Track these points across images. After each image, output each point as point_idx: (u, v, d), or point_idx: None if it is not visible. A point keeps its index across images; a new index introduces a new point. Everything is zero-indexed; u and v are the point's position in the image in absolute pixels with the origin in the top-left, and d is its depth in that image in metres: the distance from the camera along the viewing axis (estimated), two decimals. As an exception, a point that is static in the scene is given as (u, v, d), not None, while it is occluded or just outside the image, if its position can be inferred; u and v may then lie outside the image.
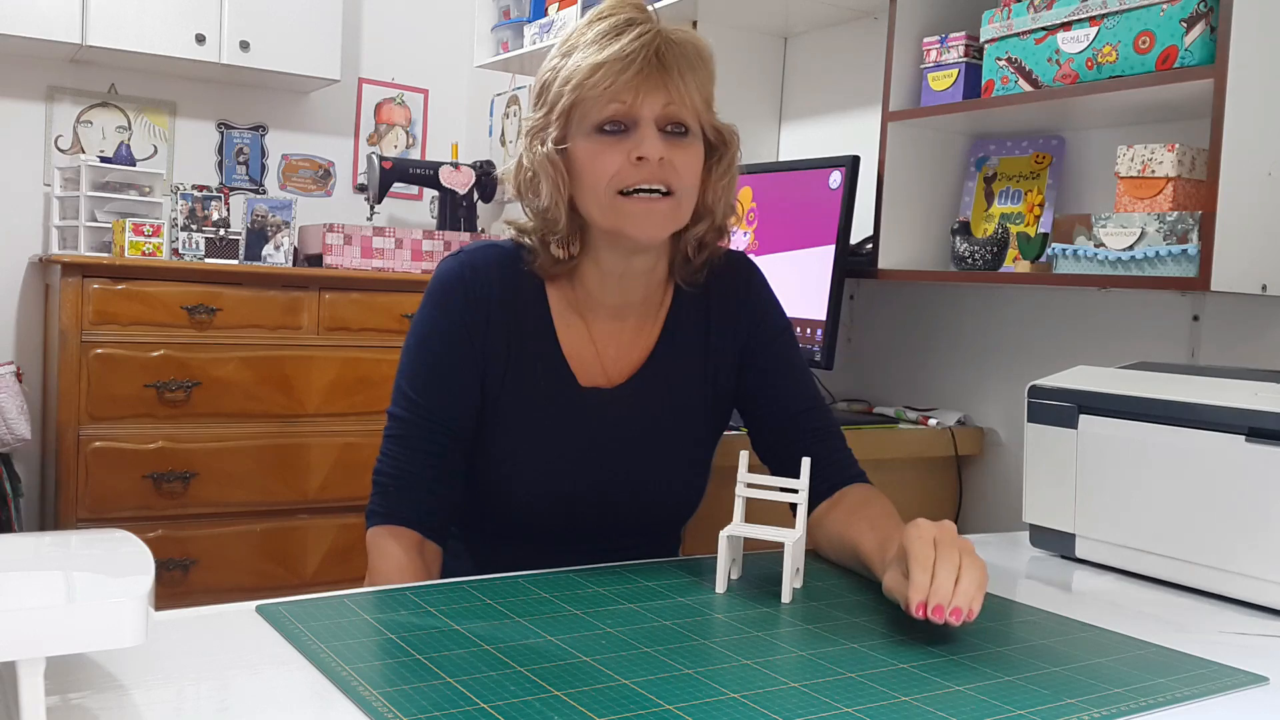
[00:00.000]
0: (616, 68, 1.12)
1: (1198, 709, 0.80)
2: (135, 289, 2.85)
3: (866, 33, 2.31)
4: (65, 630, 0.62)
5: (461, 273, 1.23)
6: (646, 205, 1.15)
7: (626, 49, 1.12)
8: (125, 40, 3.11)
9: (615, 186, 1.15)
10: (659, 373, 1.27)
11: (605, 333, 1.25)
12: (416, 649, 0.84)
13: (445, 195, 3.57)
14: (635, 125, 1.14)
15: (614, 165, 1.14)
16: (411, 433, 1.21)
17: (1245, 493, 1.08)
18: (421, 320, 1.24)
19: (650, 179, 1.14)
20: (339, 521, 3.10)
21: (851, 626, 0.95)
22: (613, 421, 1.24)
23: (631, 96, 1.13)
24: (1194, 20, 1.49)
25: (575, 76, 1.14)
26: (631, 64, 1.12)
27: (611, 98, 1.13)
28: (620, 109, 1.13)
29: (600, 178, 1.15)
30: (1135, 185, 1.60)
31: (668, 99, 1.14)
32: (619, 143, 1.14)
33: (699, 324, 1.29)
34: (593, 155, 1.15)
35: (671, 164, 1.15)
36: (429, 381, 1.22)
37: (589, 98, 1.14)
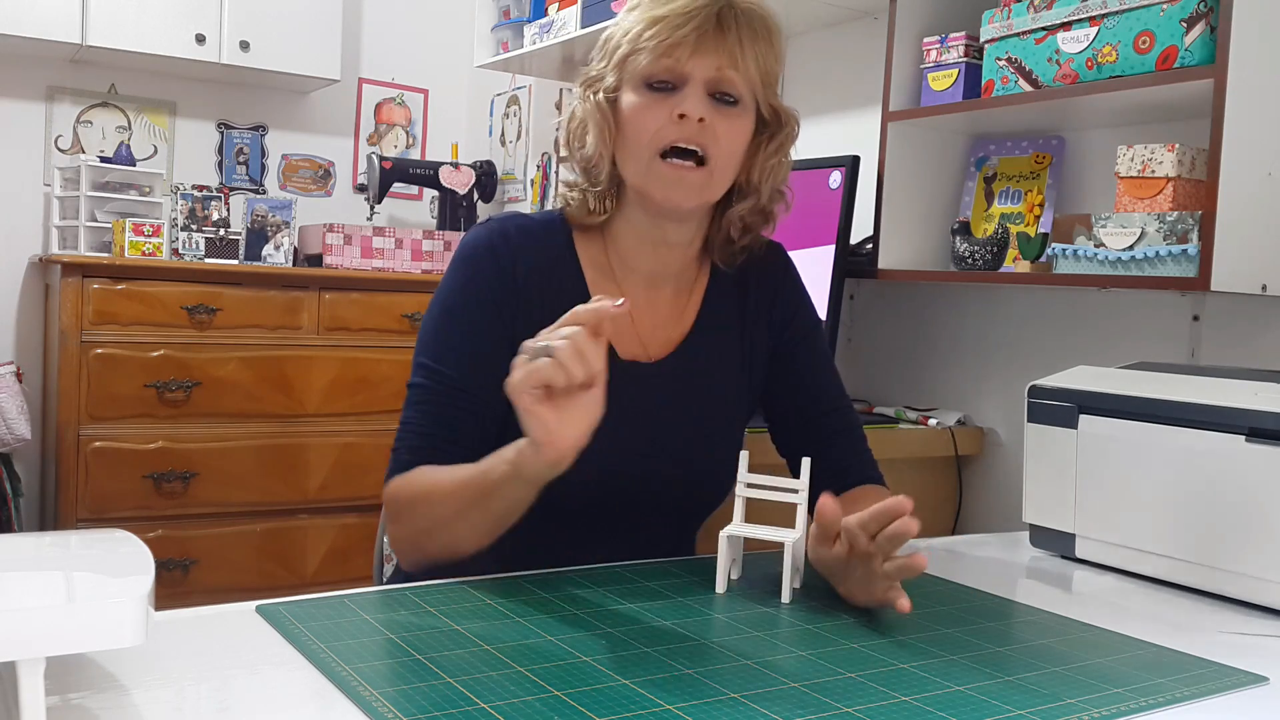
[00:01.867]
0: (675, 23, 1.11)
1: (1198, 709, 0.80)
2: (135, 289, 2.85)
3: (866, 33, 2.32)
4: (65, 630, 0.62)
5: (490, 240, 1.20)
6: (678, 171, 1.14)
7: (687, 6, 1.11)
8: (125, 40, 3.11)
9: (655, 145, 1.14)
10: (698, 352, 1.25)
11: (640, 301, 1.24)
12: (416, 649, 0.84)
13: (445, 195, 3.57)
14: (683, 84, 1.13)
15: (656, 122, 1.13)
16: (435, 400, 1.16)
17: (1245, 493, 1.08)
18: (447, 289, 1.20)
19: (688, 138, 1.13)
20: (339, 521, 3.10)
21: (851, 626, 0.95)
22: (653, 397, 1.22)
23: (684, 54, 1.12)
24: (1194, 20, 1.49)
25: (634, 28, 1.14)
26: (689, 21, 1.11)
27: (664, 53, 1.12)
28: (670, 65, 1.12)
29: (642, 133, 1.14)
30: (1135, 185, 1.60)
31: (720, 63, 1.12)
32: (665, 100, 1.13)
33: (735, 308, 1.28)
34: (638, 109, 1.14)
35: (713, 129, 1.13)
36: (456, 350, 1.17)
37: (643, 49, 1.13)
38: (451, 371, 1.16)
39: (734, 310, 1.29)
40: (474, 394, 1.16)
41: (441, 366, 1.16)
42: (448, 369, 1.16)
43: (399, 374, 3.15)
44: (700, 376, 1.25)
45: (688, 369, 1.24)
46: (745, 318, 1.29)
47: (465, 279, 1.19)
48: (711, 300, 1.27)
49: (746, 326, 1.29)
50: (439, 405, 1.16)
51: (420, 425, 1.16)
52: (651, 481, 1.22)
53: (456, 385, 1.16)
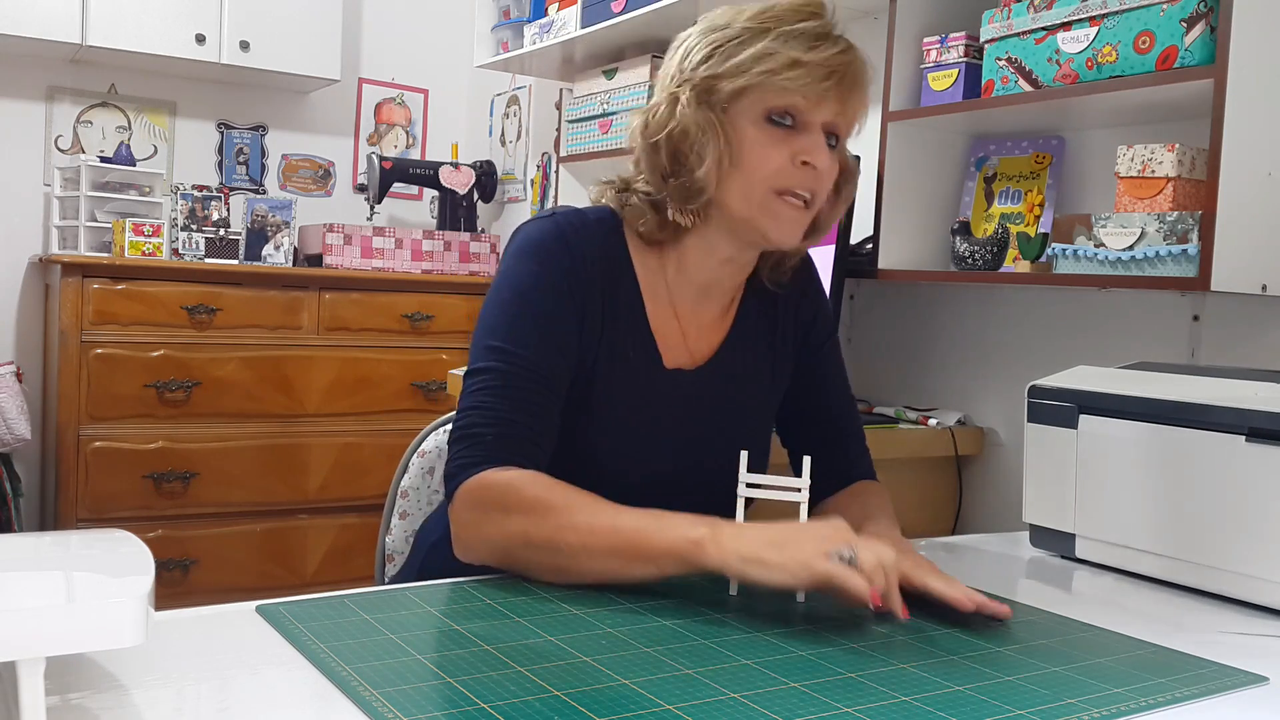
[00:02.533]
0: (819, 73, 1.12)
1: (1198, 709, 0.80)
2: (135, 289, 2.85)
3: (866, 33, 2.31)
4: (65, 630, 0.62)
5: (560, 230, 1.17)
6: (795, 212, 1.15)
7: (832, 60, 1.12)
8: (125, 40, 3.11)
9: (773, 184, 1.14)
10: (733, 357, 1.26)
11: (689, 312, 1.24)
12: (416, 649, 0.84)
13: (445, 195, 3.57)
14: (805, 127, 1.14)
15: (778, 161, 1.13)
16: (512, 384, 1.11)
17: (1245, 493, 1.08)
18: (518, 274, 1.16)
19: (807, 185, 1.15)
20: (339, 521, 3.10)
21: (852, 626, 0.95)
22: (693, 401, 1.23)
23: (816, 101, 1.13)
24: (1194, 20, 1.49)
25: (770, 63, 1.12)
26: (832, 74, 1.12)
27: (800, 94, 1.12)
28: (798, 105, 1.13)
29: (761, 169, 1.13)
30: (1135, 185, 1.60)
31: (840, 111, 1.15)
32: (786, 138, 1.13)
33: (767, 313, 1.30)
34: (760, 144, 1.13)
35: (827, 173, 1.16)
36: (532, 333, 1.13)
37: (777, 87, 1.12)
38: (527, 352, 1.12)
39: (765, 316, 1.30)
40: (551, 379, 1.13)
41: (515, 348, 1.12)
42: (522, 350, 1.12)
43: (399, 374, 3.15)
44: (735, 380, 1.26)
45: (724, 373, 1.26)
46: (776, 323, 1.31)
47: (538, 266, 1.16)
48: (745, 307, 1.29)
49: (776, 331, 1.31)
50: (516, 388, 1.11)
51: (503, 411, 1.10)
52: (689, 483, 1.23)
53: (532, 367, 1.12)
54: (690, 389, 1.23)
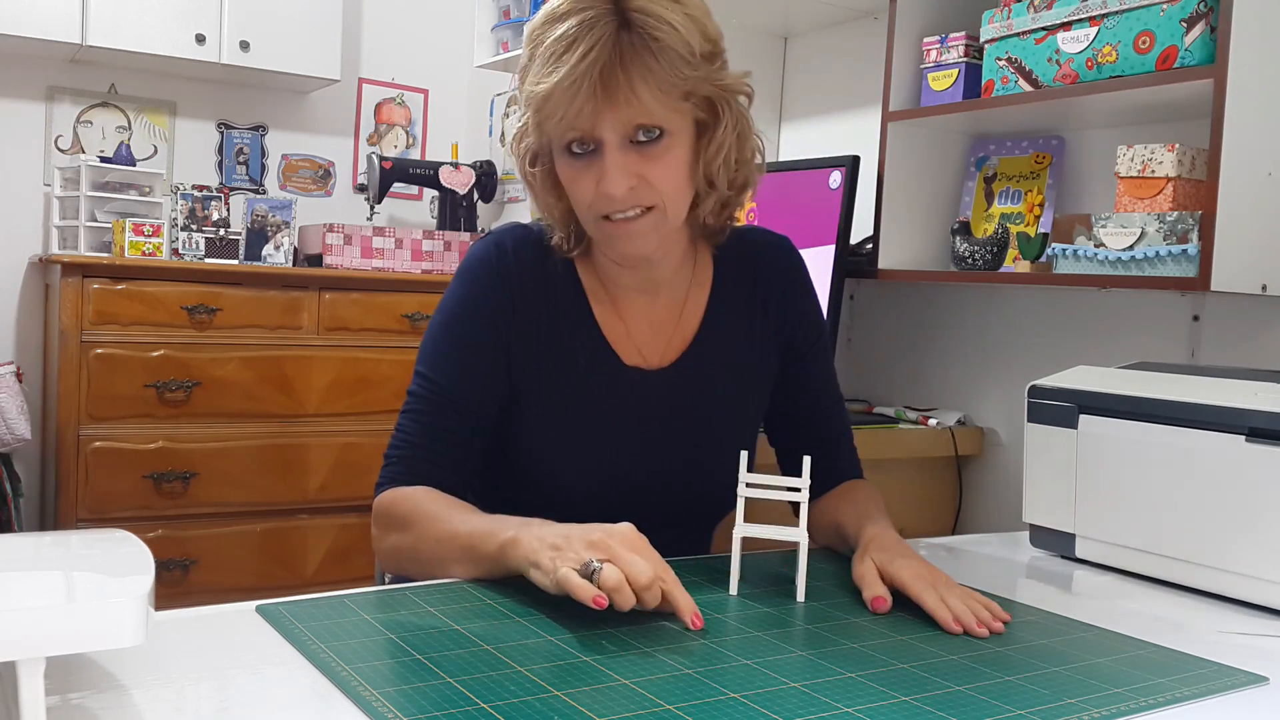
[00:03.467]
0: (566, 97, 1.05)
1: (1198, 709, 0.80)
2: (135, 289, 2.85)
3: (866, 33, 2.32)
4: (65, 630, 0.62)
5: (488, 252, 1.20)
6: (624, 227, 1.11)
7: (571, 75, 1.04)
8: (125, 40, 3.11)
9: (594, 212, 1.12)
10: (705, 355, 1.25)
11: (634, 311, 1.23)
12: (416, 649, 0.84)
13: (445, 195, 3.57)
14: (600, 146, 1.09)
15: (588, 193, 1.11)
16: (428, 409, 1.18)
17: (1245, 493, 1.08)
18: (448, 300, 1.21)
19: (622, 205, 1.10)
20: (339, 521, 3.10)
21: (852, 627, 0.95)
22: (658, 404, 1.22)
23: (588, 123, 1.07)
24: (1194, 20, 1.49)
25: (533, 101, 1.10)
26: (578, 92, 1.04)
27: (568, 126, 1.08)
28: (580, 134, 1.09)
29: (580, 202, 1.13)
30: (1135, 185, 1.60)
31: (624, 116, 1.06)
32: (589, 166, 1.10)
33: (744, 305, 1.28)
34: (568, 180, 1.13)
35: (645, 182, 1.09)
36: (451, 362, 1.18)
37: (549, 125, 1.10)
38: (445, 382, 1.18)
39: (743, 307, 1.28)
40: (466, 405, 1.18)
41: (436, 376, 1.18)
42: (441, 379, 1.18)
43: (399, 374, 3.15)
44: (707, 380, 1.25)
45: (694, 374, 1.24)
46: (754, 318, 1.28)
47: (463, 292, 1.21)
48: (718, 301, 1.27)
49: (755, 327, 1.28)
50: (431, 415, 1.18)
51: (413, 435, 1.18)
52: (658, 488, 1.23)
53: (449, 396, 1.18)
54: (654, 388, 1.22)
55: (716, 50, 1.12)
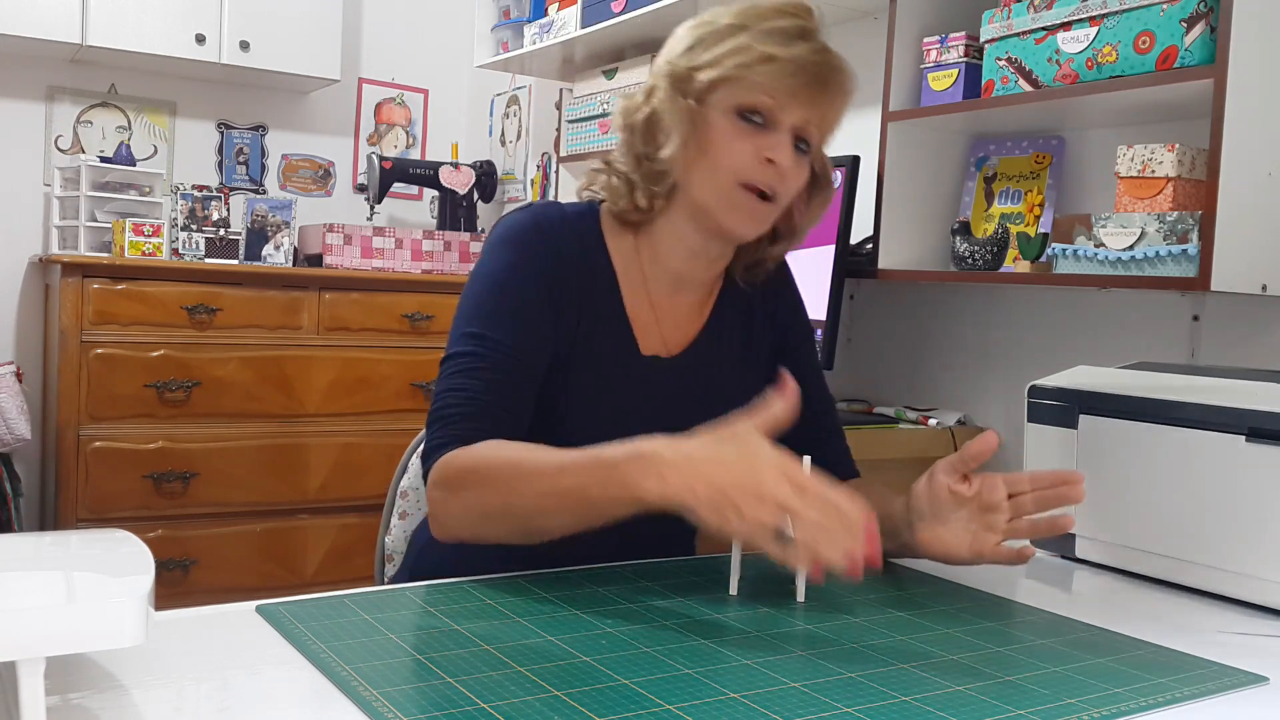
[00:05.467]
0: (789, 69, 1.13)
1: (1198, 709, 0.80)
2: (135, 289, 2.85)
3: (866, 33, 2.31)
4: (65, 630, 0.62)
5: (537, 221, 1.20)
6: (755, 205, 1.16)
7: (804, 58, 1.13)
8: (125, 40, 3.11)
9: (738, 177, 1.15)
10: (709, 349, 1.28)
11: (664, 302, 1.26)
12: (416, 649, 0.84)
13: (445, 195, 3.57)
14: (775, 126, 1.15)
15: (744, 156, 1.15)
16: (490, 365, 1.12)
17: (1245, 493, 1.08)
18: (495, 263, 1.18)
19: (770, 182, 1.15)
20: (339, 521, 3.10)
21: (852, 627, 0.95)
22: (670, 389, 1.24)
23: (786, 100, 1.14)
24: (1194, 20, 1.49)
25: (744, 56, 1.14)
26: (803, 72, 1.13)
27: (769, 92, 1.13)
28: (770, 105, 1.14)
29: (726, 160, 1.15)
30: (1135, 185, 1.60)
31: (811, 116, 1.16)
32: (754, 135, 1.15)
33: (743, 309, 1.32)
34: (728, 137, 1.15)
35: (789, 175, 1.17)
36: (507, 319, 1.15)
37: (749, 81, 1.14)
38: (508, 340, 1.14)
39: (741, 310, 1.32)
40: (527, 364, 1.15)
41: (494, 334, 1.14)
42: (503, 337, 1.14)
43: (399, 374, 3.15)
44: (711, 371, 1.28)
45: (701, 363, 1.27)
46: (751, 319, 1.32)
47: (515, 255, 1.18)
48: (721, 302, 1.31)
49: (752, 327, 1.32)
50: (494, 371, 1.13)
51: (477, 392, 1.12)
52: None
53: (512, 354, 1.14)
54: (667, 376, 1.25)
55: None
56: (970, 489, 1.09)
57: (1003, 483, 1.09)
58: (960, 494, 1.09)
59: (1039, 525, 1.06)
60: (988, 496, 1.08)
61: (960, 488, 1.09)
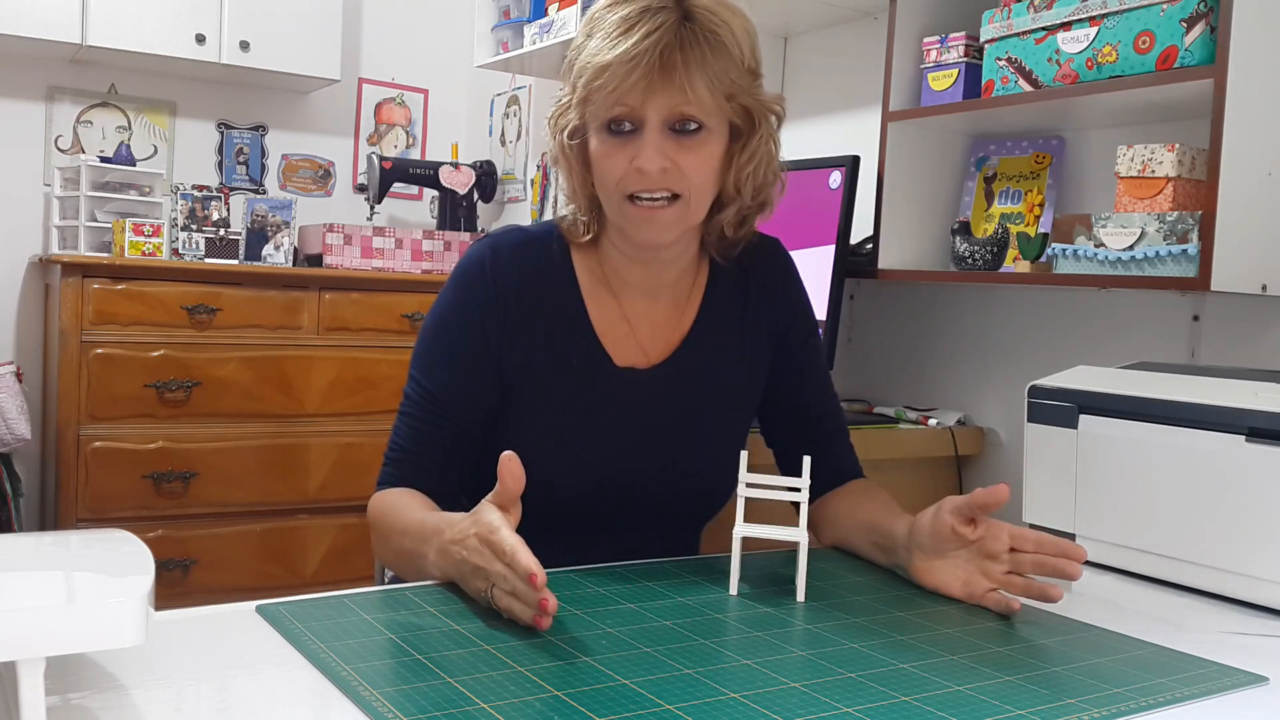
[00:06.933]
0: (621, 71, 1.08)
1: (1198, 709, 0.80)
2: (135, 289, 2.85)
3: (866, 33, 2.31)
4: (65, 630, 0.62)
5: (482, 257, 1.21)
6: (648, 213, 1.13)
7: (632, 51, 1.07)
8: (125, 40, 3.11)
9: (621, 191, 1.14)
10: (697, 353, 1.26)
11: (638, 310, 1.24)
12: (416, 649, 0.84)
13: (445, 195, 3.57)
14: (642, 125, 1.11)
15: (619, 169, 1.12)
16: (418, 414, 1.20)
17: (1245, 493, 1.08)
18: (440, 304, 1.23)
19: (652, 187, 1.12)
20: (339, 521, 3.10)
21: (852, 627, 0.95)
22: (651, 403, 1.23)
23: (636, 100, 1.10)
24: (1194, 20, 1.49)
25: (586, 74, 1.12)
26: (636, 68, 1.08)
27: (616, 100, 1.10)
28: (625, 111, 1.11)
29: (608, 179, 1.14)
30: (1135, 185, 1.60)
31: (673, 101, 1.10)
32: (625, 145, 1.12)
33: (736, 306, 1.29)
34: (601, 156, 1.14)
35: (677, 168, 1.12)
36: (441, 369, 1.20)
37: (598, 97, 1.12)
38: (434, 388, 1.20)
39: (735, 309, 1.29)
40: (454, 412, 1.20)
41: (426, 382, 1.20)
42: (431, 385, 1.20)
43: (399, 374, 3.14)
44: (699, 378, 1.25)
45: (686, 371, 1.25)
46: (746, 317, 1.29)
47: (455, 297, 1.22)
48: (711, 300, 1.28)
49: (748, 326, 1.29)
50: (420, 420, 1.20)
51: (403, 439, 1.21)
52: (651, 486, 1.23)
53: (437, 402, 1.20)
54: (646, 388, 1.23)
55: (758, 71, 1.18)
56: (974, 533, 1.06)
57: (1007, 535, 1.06)
58: (964, 536, 1.06)
59: (1032, 588, 1.03)
60: (990, 545, 1.05)
61: (964, 530, 1.06)
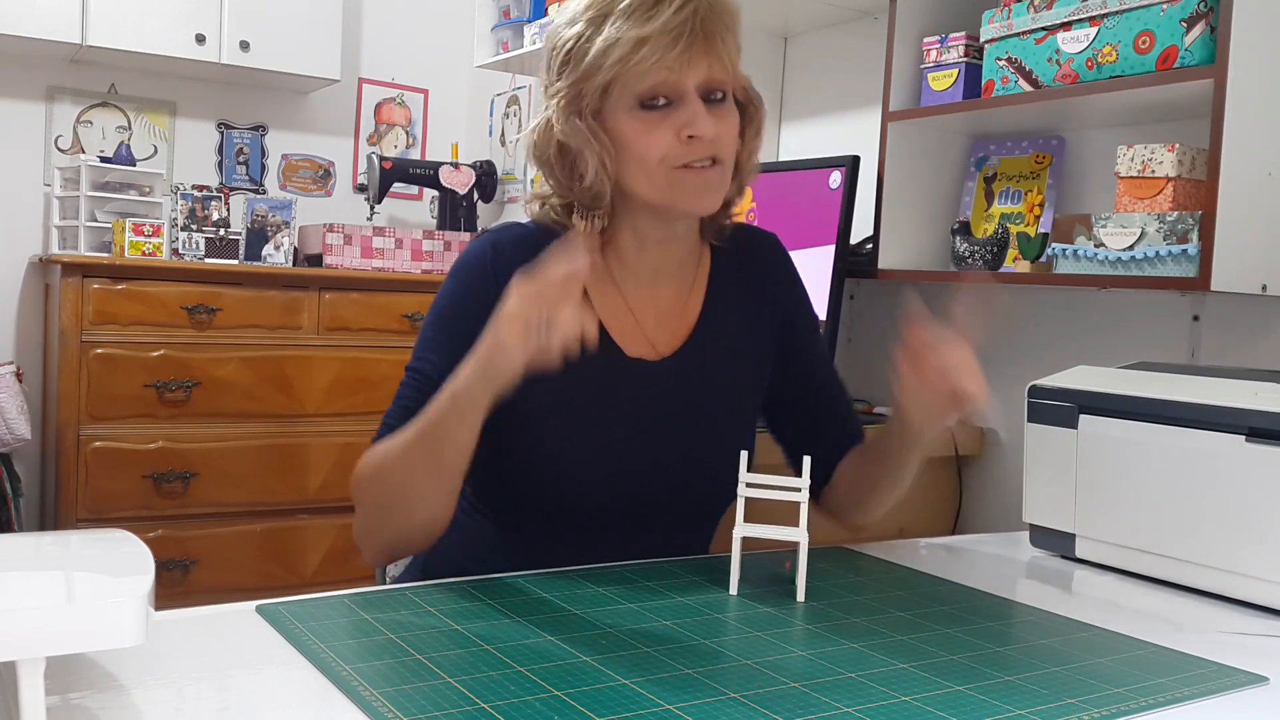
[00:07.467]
0: (664, 42, 1.09)
1: (1198, 709, 0.80)
2: (135, 289, 2.85)
3: (866, 33, 2.32)
4: (65, 630, 0.62)
5: (483, 250, 1.20)
6: (701, 177, 1.14)
7: (672, 22, 1.09)
8: (125, 40, 3.10)
9: (669, 164, 1.13)
10: (705, 344, 1.26)
11: (642, 300, 1.24)
12: (416, 649, 0.84)
13: (445, 195, 3.57)
14: (680, 99, 1.12)
15: (664, 143, 1.12)
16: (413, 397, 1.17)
17: (1245, 493, 1.08)
18: (441, 298, 1.21)
19: (703, 153, 1.13)
20: (339, 521, 3.10)
21: (852, 627, 0.95)
22: (661, 394, 1.22)
23: (678, 71, 1.10)
24: (1194, 20, 1.49)
25: (617, 50, 1.10)
26: (680, 38, 1.09)
27: (658, 73, 1.10)
28: (664, 83, 1.11)
29: (652, 155, 1.13)
30: (1135, 185, 1.60)
31: (707, 68, 1.11)
32: (665, 118, 1.12)
33: (741, 298, 1.29)
34: (640, 133, 1.13)
35: (716, 135, 1.13)
36: (440, 356, 1.17)
37: (633, 72, 1.11)
38: (432, 372, 1.17)
39: (740, 301, 1.29)
40: None
41: (424, 367, 1.19)
42: (429, 370, 1.18)
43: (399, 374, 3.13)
44: (708, 370, 1.25)
45: (695, 364, 1.25)
46: (750, 310, 1.30)
47: (454, 289, 1.21)
48: (715, 291, 1.28)
49: (752, 319, 1.30)
50: (414, 401, 1.16)
51: (393, 419, 1.18)
52: (664, 479, 1.22)
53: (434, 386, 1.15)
54: (658, 379, 1.23)
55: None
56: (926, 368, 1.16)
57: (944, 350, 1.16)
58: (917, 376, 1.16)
59: None
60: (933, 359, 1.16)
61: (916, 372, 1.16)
